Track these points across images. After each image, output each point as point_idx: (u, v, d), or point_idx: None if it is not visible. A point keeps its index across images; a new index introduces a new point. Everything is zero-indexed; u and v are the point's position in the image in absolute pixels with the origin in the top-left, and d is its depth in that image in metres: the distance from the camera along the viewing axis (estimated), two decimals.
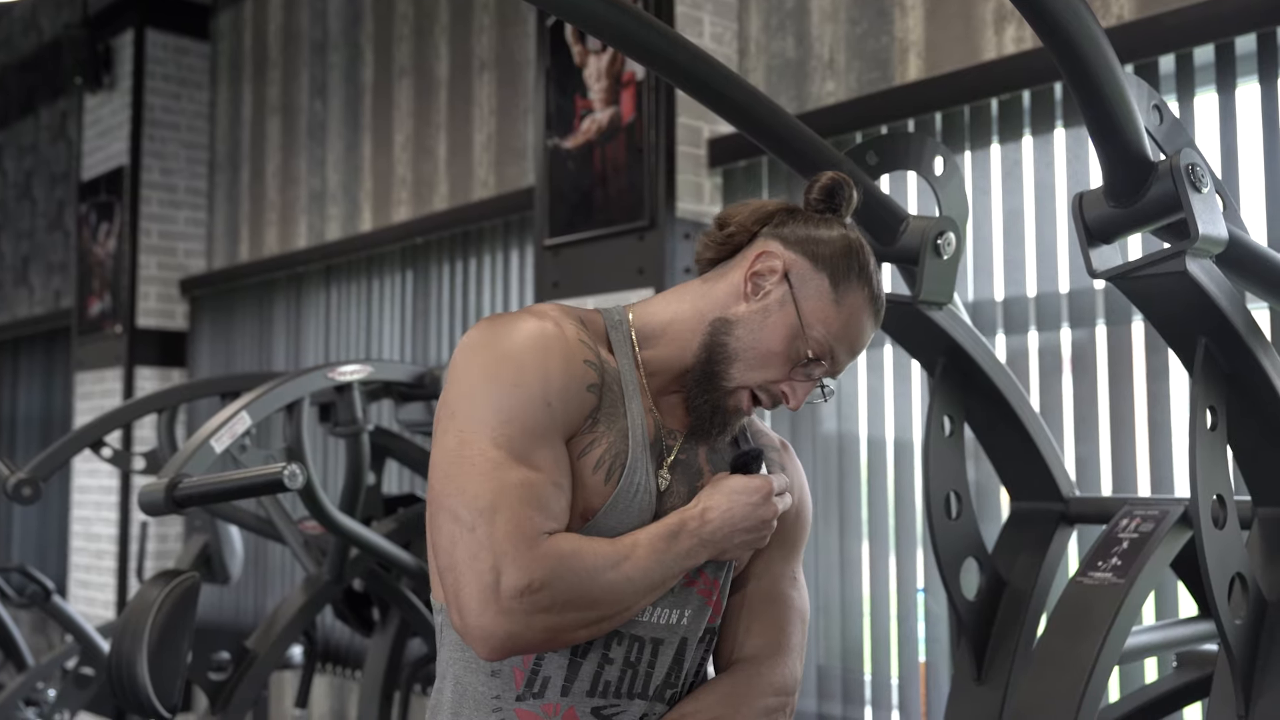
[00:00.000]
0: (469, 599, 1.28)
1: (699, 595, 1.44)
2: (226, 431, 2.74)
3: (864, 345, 1.48)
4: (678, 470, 1.45)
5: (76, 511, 6.19)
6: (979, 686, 2.11)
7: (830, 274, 1.44)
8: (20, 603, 3.95)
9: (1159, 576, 1.98)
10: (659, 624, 1.41)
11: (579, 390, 1.37)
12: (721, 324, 1.44)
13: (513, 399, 1.33)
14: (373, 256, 4.98)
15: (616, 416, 1.40)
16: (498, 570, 1.27)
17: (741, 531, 1.41)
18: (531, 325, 1.38)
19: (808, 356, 1.43)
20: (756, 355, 1.43)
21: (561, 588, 1.28)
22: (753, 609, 1.51)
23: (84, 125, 6.41)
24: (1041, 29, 1.42)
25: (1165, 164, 1.59)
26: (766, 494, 1.42)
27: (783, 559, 1.53)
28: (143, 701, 2.44)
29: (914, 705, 3.04)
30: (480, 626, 1.28)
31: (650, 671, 1.41)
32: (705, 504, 1.41)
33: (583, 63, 3.72)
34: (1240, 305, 1.69)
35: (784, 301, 1.43)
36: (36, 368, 7.50)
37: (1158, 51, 2.66)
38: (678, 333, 1.46)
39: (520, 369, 1.34)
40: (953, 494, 2.14)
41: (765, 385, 1.44)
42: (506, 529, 1.28)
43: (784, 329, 1.43)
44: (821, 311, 1.43)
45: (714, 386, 1.44)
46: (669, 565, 1.37)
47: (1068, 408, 2.82)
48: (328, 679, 5.00)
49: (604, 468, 1.38)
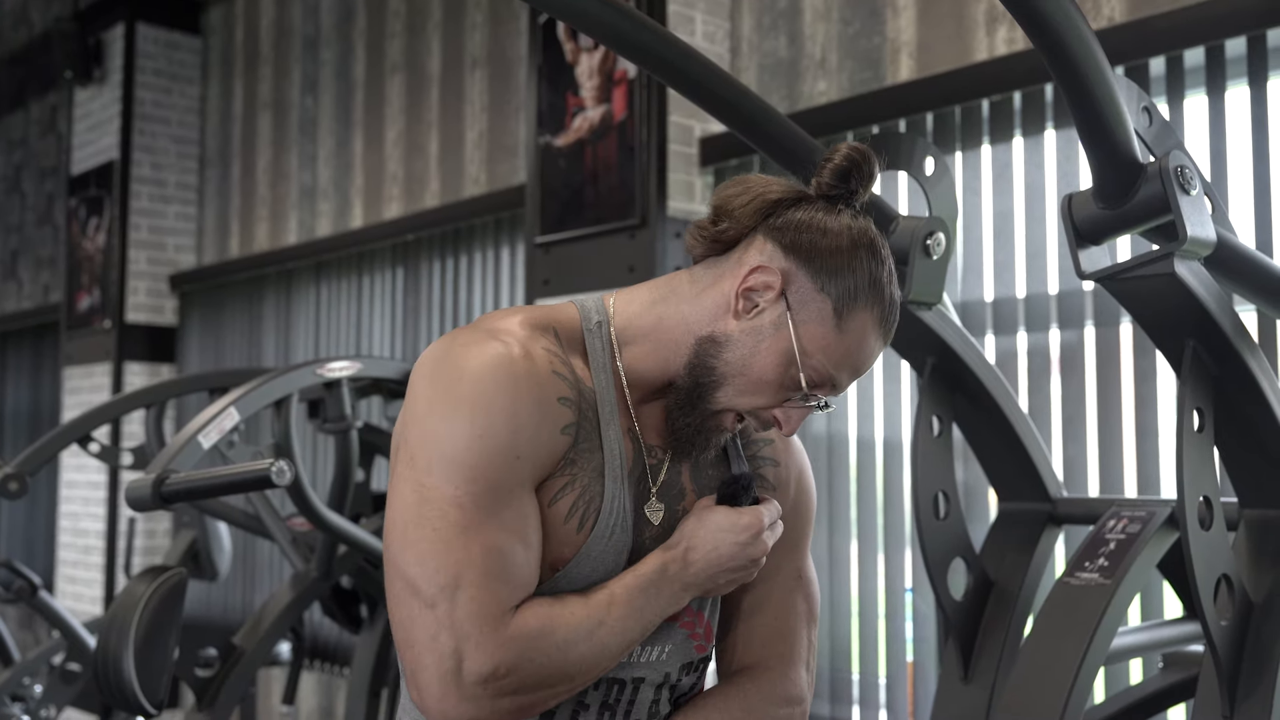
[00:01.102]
0: (428, 683, 1.16)
1: (682, 629, 1.34)
2: (215, 427, 2.74)
3: (869, 366, 1.31)
4: (665, 496, 1.33)
5: (64, 507, 6.17)
6: (966, 686, 2.12)
7: (836, 295, 1.25)
8: (7, 598, 3.93)
9: (1145, 577, 1.99)
10: (639, 663, 1.31)
11: (551, 435, 1.22)
12: (709, 344, 1.28)
13: (478, 451, 1.18)
14: (363, 253, 4.98)
15: (592, 452, 1.26)
16: (460, 655, 1.15)
17: (727, 572, 1.29)
18: (496, 356, 1.21)
19: (804, 385, 1.27)
20: (747, 381, 1.27)
21: (530, 670, 1.18)
22: (755, 615, 1.40)
23: (74, 119, 6.40)
24: (1032, 30, 1.42)
25: (1154, 166, 1.59)
26: (756, 532, 1.29)
27: (786, 557, 1.41)
28: (129, 697, 2.44)
29: (901, 704, 3.04)
30: (441, 712, 1.17)
31: (630, 709, 1.32)
32: (688, 544, 1.28)
33: (575, 60, 3.72)
34: (1228, 307, 1.70)
35: (779, 325, 1.26)
36: (25, 362, 7.48)
37: (1148, 54, 2.67)
38: (661, 341, 1.31)
39: (488, 415, 1.18)
40: (941, 494, 2.15)
41: (753, 409, 1.29)
42: (469, 609, 1.15)
43: (778, 355, 1.26)
44: (822, 338, 1.26)
45: (698, 409, 1.29)
46: (648, 616, 1.26)
47: (1056, 409, 2.83)
48: (315, 676, 5.00)
49: (576, 515, 1.25)
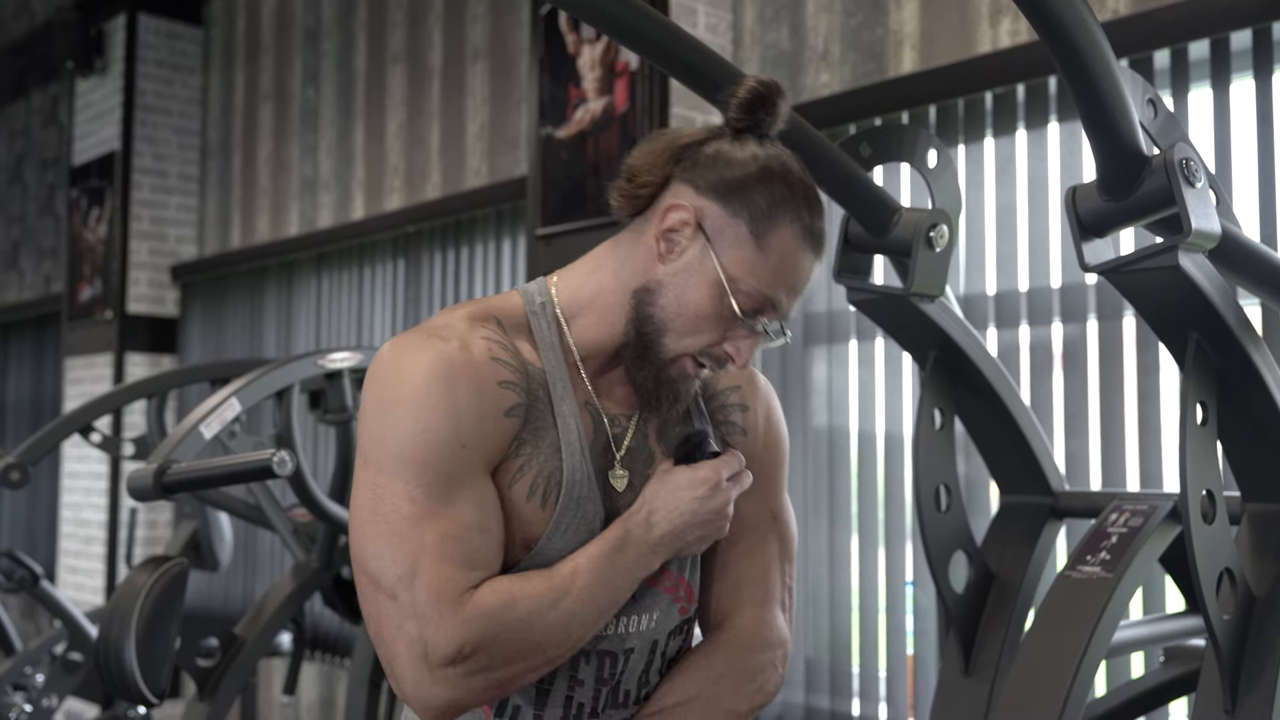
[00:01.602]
0: (402, 671, 1.20)
1: (665, 594, 1.36)
2: (216, 418, 2.73)
3: (807, 281, 1.32)
4: (632, 462, 1.35)
5: (66, 497, 6.17)
6: (966, 679, 2.12)
7: (749, 217, 1.27)
8: (8, 588, 3.93)
9: (1147, 571, 1.99)
10: (626, 633, 1.33)
11: (495, 420, 1.25)
12: (644, 293, 1.30)
13: (424, 445, 1.21)
14: (364, 244, 4.97)
15: (545, 430, 1.28)
16: (425, 640, 1.18)
17: (694, 528, 1.31)
18: (433, 353, 1.24)
19: (741, 312, 1.28)
20: (686, 321, 1.29)
21: (496, 646, 1.20)
22: (730, 560, 1.41)
23: (75, 110, 6.39)
24: (1037, 21, 1.42)
25: (1159, 158, 1.59)
26: (714, 484, 1.31)
27: (756, 499, 1.42)
28: (130, 687, 2.44)
29: (901, 698, 3.04)
30: (419, 698, 1.21)
31: (620, 681, 1.34)
32: (649, 507, 1.30)
33: (577, 52, 3.71)
34: (1232, 301, 1.69)
35: (703, 258, 1.28)
36: (26, 353, 7.48)
37: (1152, 46, 2.66)
38: (604, 306, 1.33)
39: (428, 410, 1.22)
40: (942, 487, 2.14)
41: (705, 350, 1.30)
42: (426, 594, 1.18)
43: (708, 288, 1.28)
44: (745, 261, 1.28)
45: (651, 360, 1.30)
46: (617, 582, 1.28)
47: (1058, 402, 2.83)
48: (316, 666, 5.00)
49: (538, 493, 1.27)
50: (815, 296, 3.33)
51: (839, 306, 3.25)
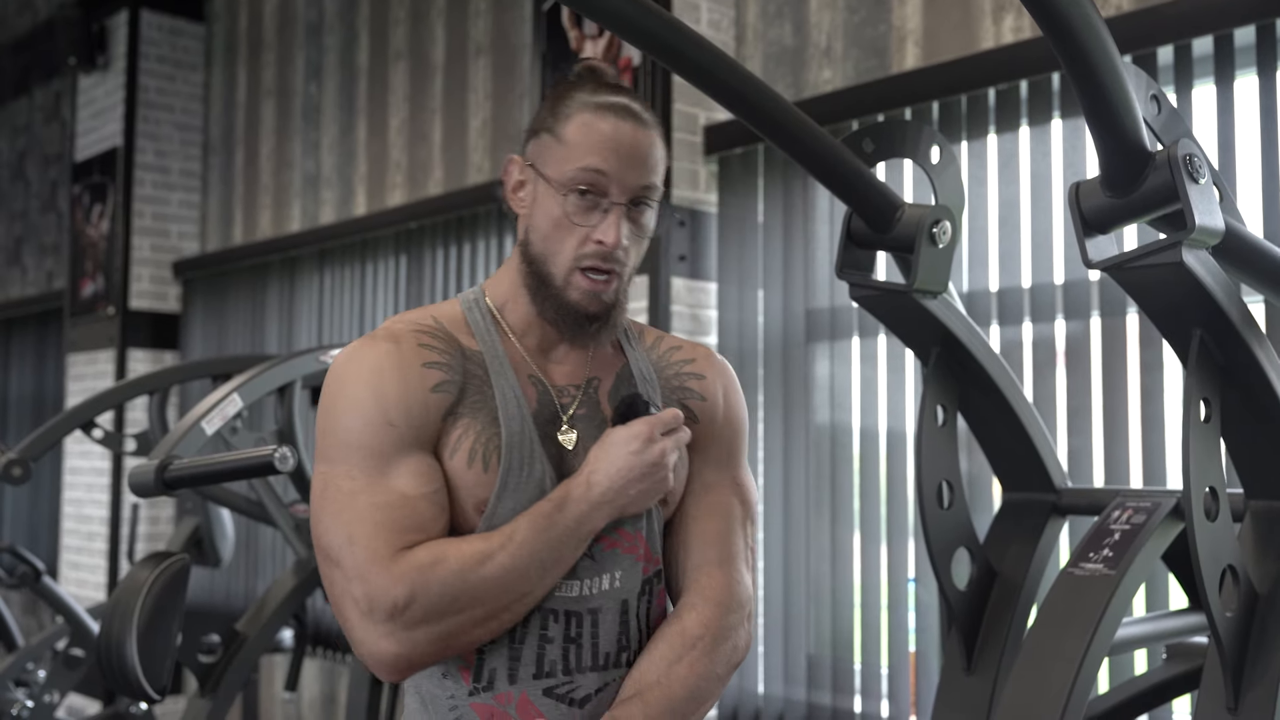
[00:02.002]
0: (353, 630, 1.32)
1: (625, 555, 1.43)
2: (218, 413, 2.73)
3: (632, 144, 1.42)
4: (580, 426, 1.45)
5: (68, 493, 6.17)
6: (969, 677, 2.11)
7: (547, 126, 1.44)
8: (10, 583, 3.93)
9: (1150, 568, 1.98)
10: (590, 594, 1.40)
11: (422, 396, 1.37)
12: (524, 244, 1.47)
13: (356, 429, 1.35)
14: (366, 240, 4.97)
15: (483, 403, 1.40)
16: (366, 598, 1.30)
17: (635, 482, 1.39)
18: (360, 350, 1.40)
19: (578, 195, 1.40)
20: (549, 238, 1.43)
21: (430, 597, 1.29)
22: (691, 526, 1.49)
23: (78, 106, 6.38)
24: (1041, 17, 1.41)
25: (1163, 154, 1.58)
26: (647, 437, 1.39)
27: (717, 466, 1.52)
28: (132, 683, 2.43)
29: (903, 695, 3.04)
30: (371, 654, 1.31)
31: (595, 643, 1.41)
32: (590, 466, 1.39)
33: (579, 47, 3.71)
34: (1236, 297, 1.69)
35: (537, 182, 1.44)
36: (29, 349, 7.48)
37: (1156, 43, 2.65)
38: (518, 284, 1.47)
39: (357, 399, 1.36)
40: (945, 484, 2.14)
41: (579, 254, 1.42)
42: (363, 555, 1.30)
43: (550, 198, 1.42)
44: (558, 157, 1.42)
45: (549, 288, 1.44)
46: (561, 538, 1.36)
47: (1061, 399, 2.82)
48: (318, 662, 5.00)
49: (478, 459, 1.38)
50: (818, 292, 3.33)
51: (841, 303, 3.25)
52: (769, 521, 3.41)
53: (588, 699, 1.40)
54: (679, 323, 3.46)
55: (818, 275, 3.34)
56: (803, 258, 3.37)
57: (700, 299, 3.53)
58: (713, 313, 3.56)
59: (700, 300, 3.53)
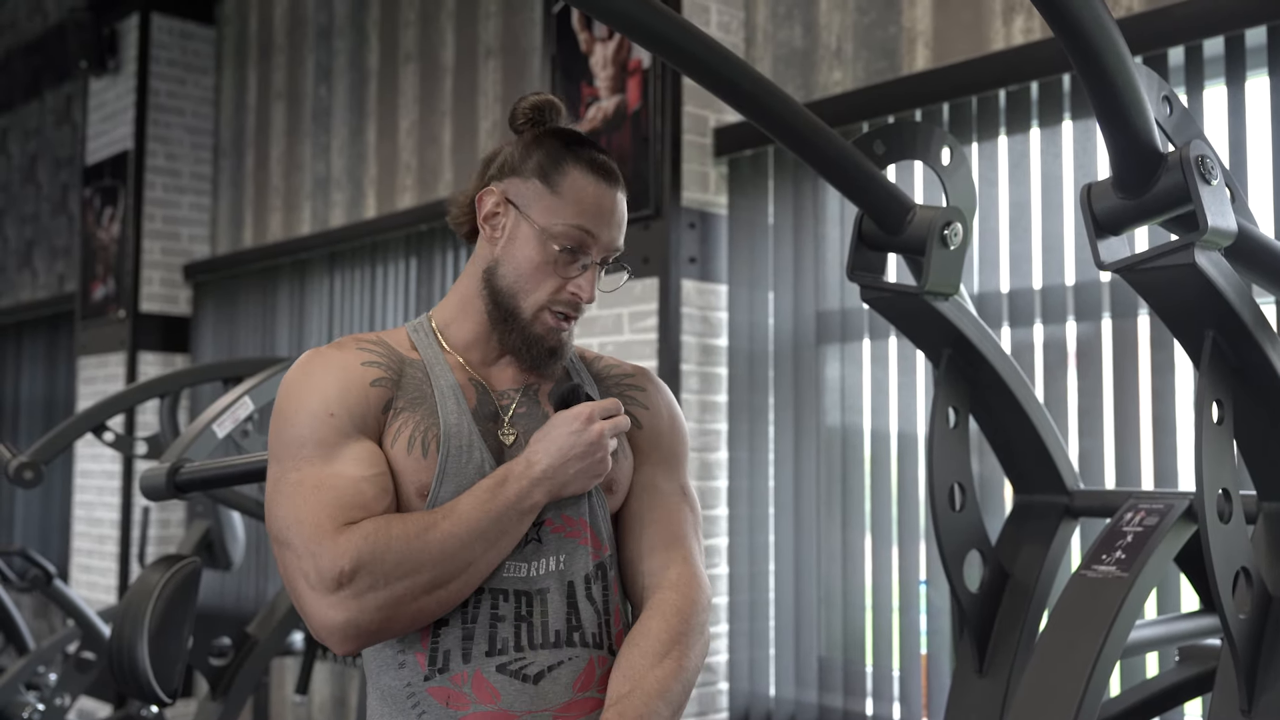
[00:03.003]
0: (304, 605, 1.39)
1: (569, 539, 1.51)
2: (229, 416, 2.74)
3: (614, 209, 1.53)
4: (520, 423, 1.53)
5: (79, 496, 6.19)
6: (981, 679, 2.11)
7: (537, 174, 1.52)
8: (22, 586, 3.95)
9: (1163, 570, 1.98)
10: (537, 575, 1.48)
11: (360, 390, 1.47)
12: (489, 274, 1.54)
13: (301, 423, 1.45)
14: (377, 243, 4.97)
15: (422, 398, 1.49)
16: (315, 570, 1.37)
17: (574, 460, 1.46)
18: (308, 358, 1.51)
19: (563, 249, 1.50)
20: (526, 278, 1.51)
21: (373, 564, 1.36)
22: (647, 529, 1.56)
23: (89, 109, 6.40)
24: (1053, 18, 1.41)
25: (1175, 155, 1.58)
26: (586, 418, 1.47)
27: (666, 474, 1.60)
28: (143, 686, 2.44)
29: (915, 697, 3.04)
30: (322, 625, 1.38)
31: (545, 621, 1.47)
32: (531, 447, 1.48)
33: (589, 50, 3.71)
34: (1248, 298, 1.68)
35: (519, 222, 1.52)
36: (40, 352, 7.50)
37: (1167, 44, 2.65)
38: (468, 304, 1.56)
39: (299, 397, 1.46)
40: (957, 486, 2.14)
41: (553, 299, 1.52)
42: (310, 533, 1.38)
43: (532, 242, 1.51)
44: (549, 207, 1.51)
45: (515, 320, 1.52)
46: (500, 512, 1.43)
47: (1072, 401, 2.81)
48: (328, 665, 5.01)
49: (417, 444, 1.46)
50: (828, 294, 3.33)
51: (852, 305, 3.25)
52: (780, 523, 3.40)
53: (540, 675, 1.46)
54: (689, 325, 3.46)
55: (828, 277, 3.34)
56: (813, 259, 3.36)
57: (710, 301, 3.53)
58: (723, 315, 3.55)
59: (710, 302, 3.52)
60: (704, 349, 3.50)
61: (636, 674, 1.45)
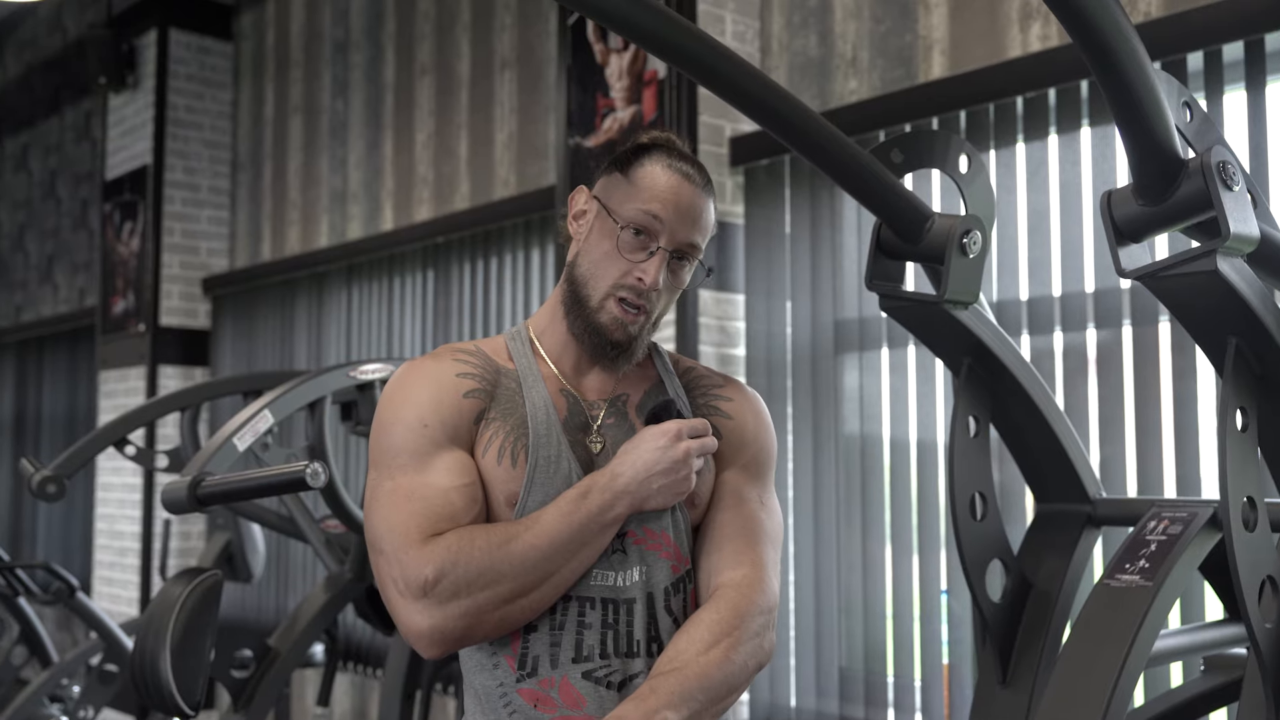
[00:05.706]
0: (395, 610, 1.45)
1: (650, 551, 1.53)
2: (249, 430, 2.74)
3: (689, 202, 1.57)
4: (608, 433, 1.57)
5: (100, 509, 6.22)
6: (1004, 690, 2.10)
7: (620, 168, 1.59)
8: (45, 599, 3.96)
9: (1187, 580, 1.96)
10: (624, 585, 1.51)
11: (454, 403, 1.52)
12: (572, 266, 1.60)
13: (398, 434, 1.50)
14: (394, 256, 4.99)
15: (514, 408, 1.54)
16: (403, 578, 1.43)
17: (658, 476, 1.49)
18: (405, 370, 1.56)
19: (629, 230, 1.54)
20: (598, 263, 1.56)
21: (458, 573, 1.42)
22: (726, 536, 1.57)
23: (108, 125, 6.45)
24: (1070, 24, 1.40)
25: (1196, 162, 1.57)
26: (674, 435, 1.50)
27: (749, 484, 1.61)
28: (166, 698, 2.44)
29: (937, 708, 3.02)
30: (410, 630, 1.44)
31: (630, 630, 1.51)
32: (617, 460, 1.50)
33: (604, 61, 3.71)
34: (1272, 305, 1.67)
35: (598, 213, 1.59)
36: (61, 366, 7.54)
37: (1186, 49, 2.64)
38: (557, 309, 1.61)
39: (396, 408, 1.52)
40: (978, 495, 2.12)
41: (619, 284, 1.55)
42: (400, 541, 1.44)
43: (605, 229, 1.56)
44: (624, 195, 1.57)
45: (584, 311, 1.56)
46: (583, 523, 1.46)
47: (1093, 408, 2.80)
48: (349, 677, 5.01)
49: (507, 454, 1.51)
50: (846, 303, 3.32)
51: (871, 314, 3.24)
52: (799, 533, 3.39)
53: (624, 683, 1.49)
54: (707, 335, 3.46)
55: (846, 286, 3.33)
56: (831, 268, 3.36)
57: (728, 311, 3.52)
58: (741, 324, 3.55)
59: (728, 312, 3.52)
60: (722, 359, 3.49)
61: (681, 658, 1.46)
